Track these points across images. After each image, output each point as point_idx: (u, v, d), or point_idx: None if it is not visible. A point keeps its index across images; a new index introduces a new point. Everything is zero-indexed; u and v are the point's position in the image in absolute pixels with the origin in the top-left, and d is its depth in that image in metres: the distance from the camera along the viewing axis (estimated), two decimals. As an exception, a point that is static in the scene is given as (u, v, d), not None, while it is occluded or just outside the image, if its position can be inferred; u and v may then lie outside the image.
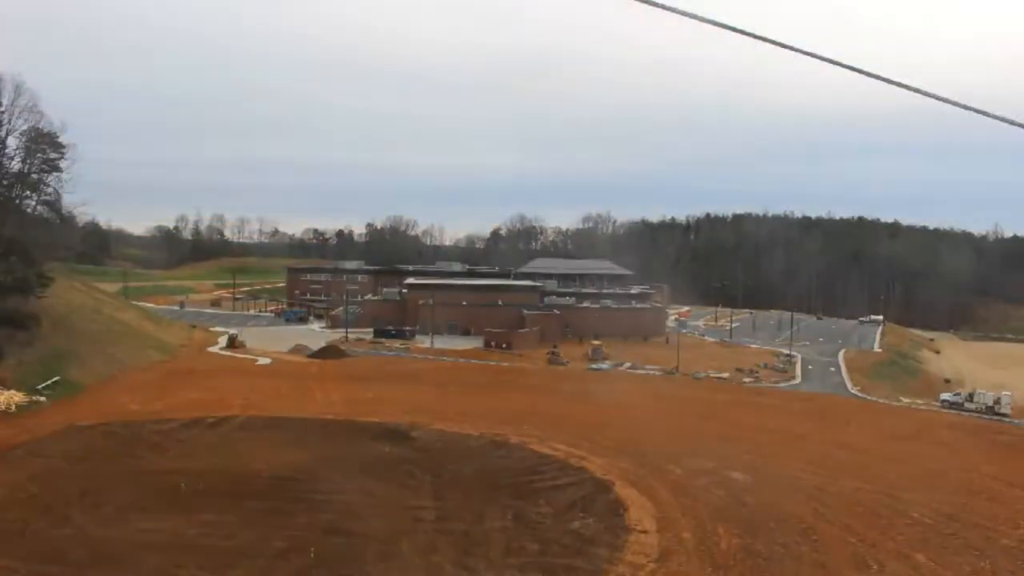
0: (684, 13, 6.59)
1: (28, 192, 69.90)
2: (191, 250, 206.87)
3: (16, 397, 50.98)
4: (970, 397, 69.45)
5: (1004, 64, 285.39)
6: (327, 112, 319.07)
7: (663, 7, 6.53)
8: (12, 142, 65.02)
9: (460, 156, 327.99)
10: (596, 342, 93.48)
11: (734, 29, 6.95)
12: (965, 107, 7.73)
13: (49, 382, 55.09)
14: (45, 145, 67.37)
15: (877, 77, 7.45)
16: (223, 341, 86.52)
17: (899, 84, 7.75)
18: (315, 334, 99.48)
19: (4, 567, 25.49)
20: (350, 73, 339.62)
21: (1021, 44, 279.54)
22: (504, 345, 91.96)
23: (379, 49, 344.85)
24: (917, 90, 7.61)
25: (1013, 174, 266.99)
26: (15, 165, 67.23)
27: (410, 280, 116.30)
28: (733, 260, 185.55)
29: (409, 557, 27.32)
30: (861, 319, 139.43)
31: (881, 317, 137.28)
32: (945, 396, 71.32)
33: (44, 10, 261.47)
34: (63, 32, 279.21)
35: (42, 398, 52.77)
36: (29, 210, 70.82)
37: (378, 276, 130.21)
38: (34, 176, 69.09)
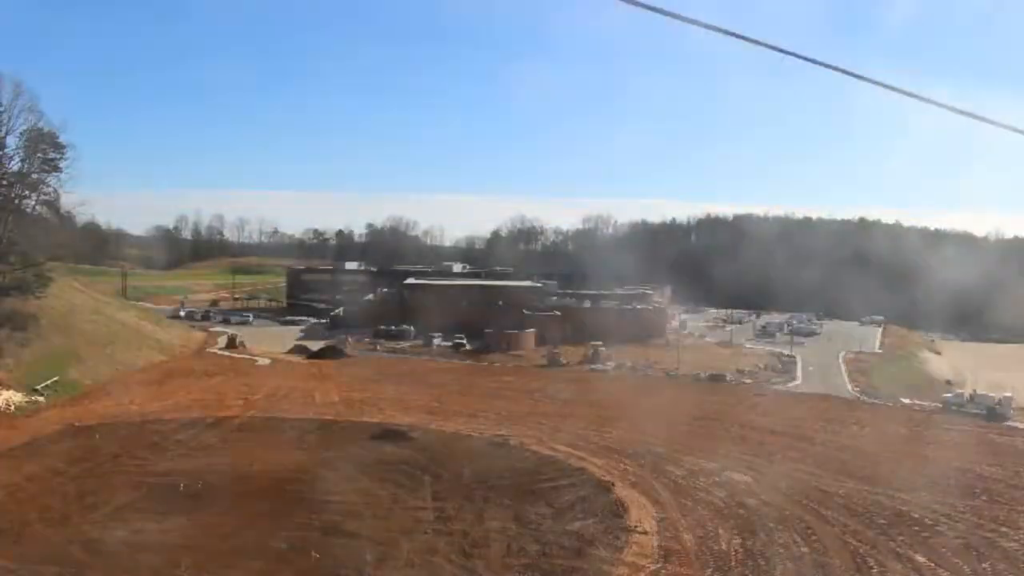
0: (692, 21, 6.54)
1: (27, 192, 69.85)
2: (191, 250, 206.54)
3: (15, 397, 50.85)
4: (971, 398, 69.26)
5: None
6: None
7: (667, 14, 6.48)
8: (11, 141, 65.06)
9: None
10: (596, 343, 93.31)
11: (735, 35, 6.90)
12: (963, 113, 7.68)
13: (48, 382, 54.93)
14: (45, 145, 67.29)
15: (874, 82, 7.40)
16: (222, 341, 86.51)
17: (897, 89, 7.71)
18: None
19: (2, 568, 25.45)
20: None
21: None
22: (504, 345, 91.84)
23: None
24: (914, 95, 7.56)
25: (1013, 175, 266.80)
26: (15, 165, 67.25)
27: (410, 280, 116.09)
28: (733, 260, 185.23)
29: (409, 558, 27.29)
30: (861, 320, 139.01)
31: (881, 318, 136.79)
32: (946, 396, 71.18)
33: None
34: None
35: (41, 398, 52.63)
36: (28, 210, 70.79)
37: (378, 276, 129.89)
38: (34, 176, 69.03)
